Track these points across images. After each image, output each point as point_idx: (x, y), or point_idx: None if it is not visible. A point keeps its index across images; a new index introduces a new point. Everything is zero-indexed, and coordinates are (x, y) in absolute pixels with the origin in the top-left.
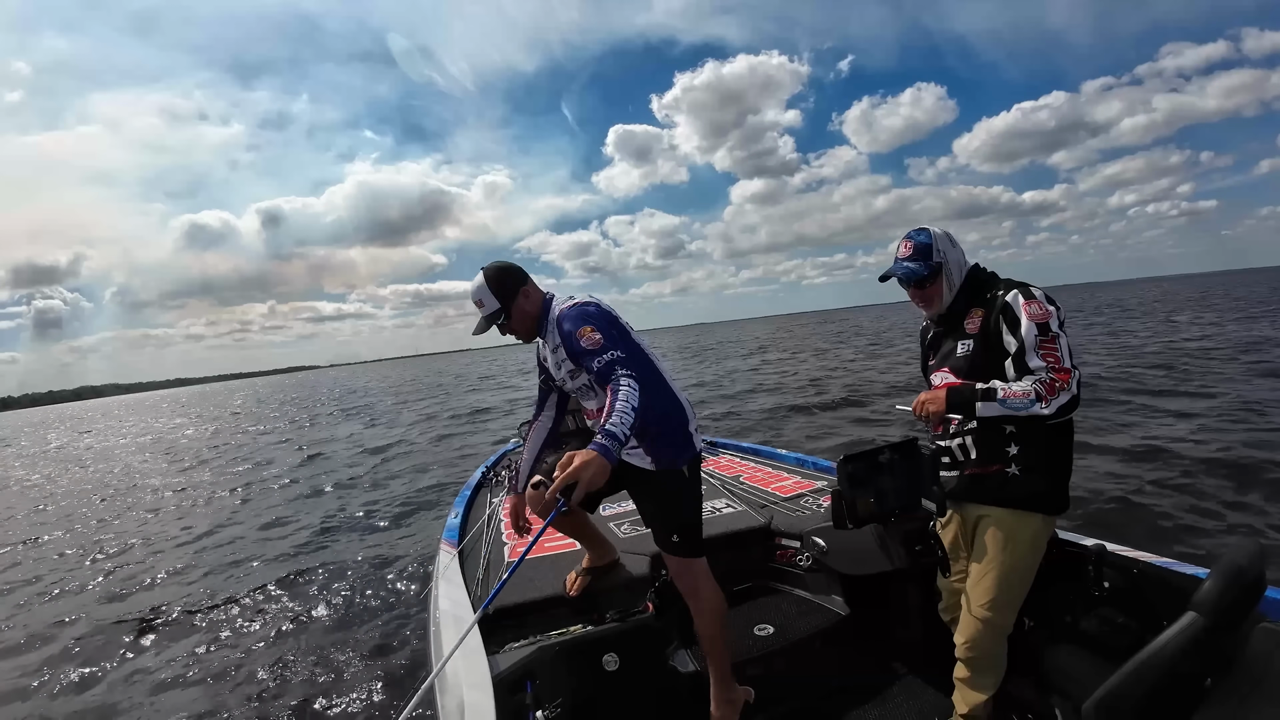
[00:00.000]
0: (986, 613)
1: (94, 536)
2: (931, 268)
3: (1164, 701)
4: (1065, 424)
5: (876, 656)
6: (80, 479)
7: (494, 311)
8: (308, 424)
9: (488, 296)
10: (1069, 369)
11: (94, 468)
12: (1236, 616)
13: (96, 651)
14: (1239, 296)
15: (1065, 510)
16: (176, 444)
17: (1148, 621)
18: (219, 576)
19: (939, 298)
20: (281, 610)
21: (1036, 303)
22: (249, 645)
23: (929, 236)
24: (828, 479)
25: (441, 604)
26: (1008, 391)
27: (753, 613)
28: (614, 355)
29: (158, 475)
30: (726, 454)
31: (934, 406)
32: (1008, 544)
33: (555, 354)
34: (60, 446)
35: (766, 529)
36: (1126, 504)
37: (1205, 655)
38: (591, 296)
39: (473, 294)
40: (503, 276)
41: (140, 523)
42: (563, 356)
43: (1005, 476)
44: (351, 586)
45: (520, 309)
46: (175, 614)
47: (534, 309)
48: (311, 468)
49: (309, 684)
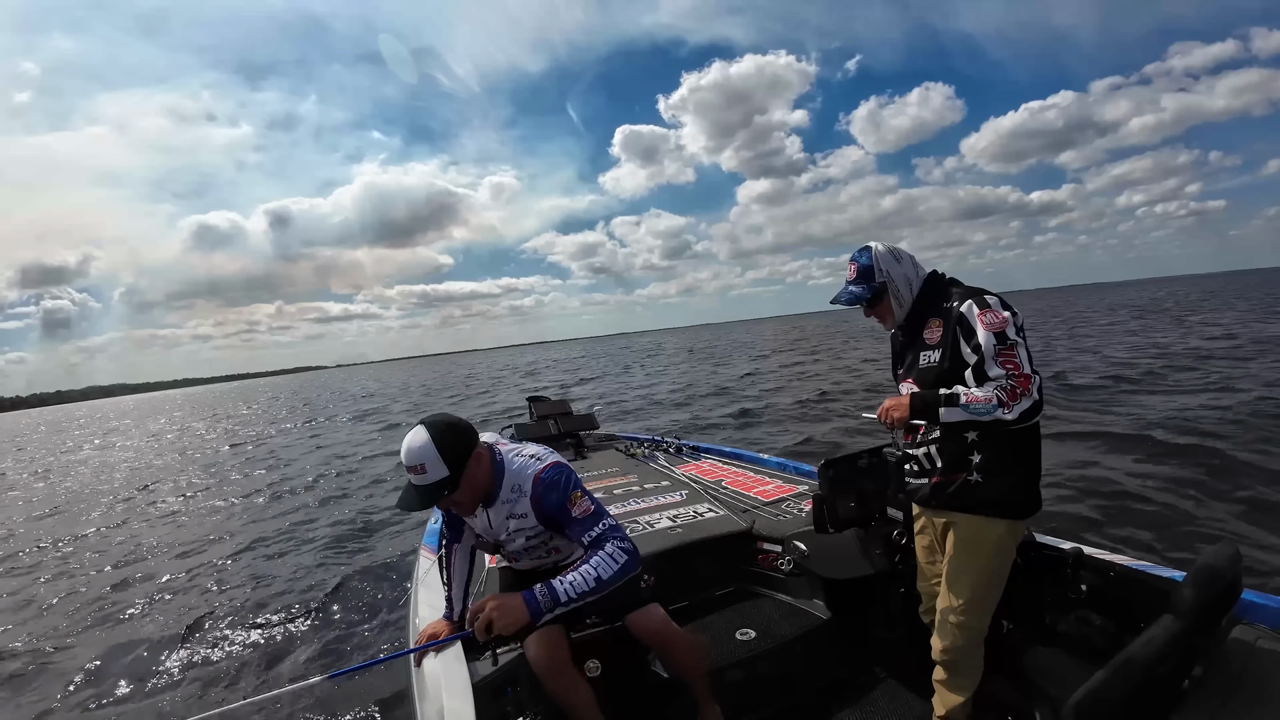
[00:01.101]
0: (959, 616)
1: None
2: (875, 289)
3: (1143, 703)
4: (1029, 430)
5: (858, 660)
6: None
7: (440, 481)
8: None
9: (434, 462)
10: (1029, 374)
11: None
12: (1213, 618)
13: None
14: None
15: (1034, 513)
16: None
17: (1125, 623)
18: (199, 579)
19: (890, 315)
20: (257, 612)
21: (992, 311)
22: (226, 644)
23: (870, 257)
24: (809, 483)
25: (421, 610)
26: (970, 396)
27: (734, 617)
28: (607, 525)
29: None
30: (709, 459)
31: (898, 413)
32: (974, 549)
33: (510, 520)
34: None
35: (748, 533)
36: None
37: (1183, 657)
38: (551, 451)
39: (409, 457)
40: (454, 438)
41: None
42: (525, 524)
43: (968, 484)
44: (330, 592)
45: (471, 477)
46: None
47: (485, 476)
48: (302, 473)
49: (277, 686)
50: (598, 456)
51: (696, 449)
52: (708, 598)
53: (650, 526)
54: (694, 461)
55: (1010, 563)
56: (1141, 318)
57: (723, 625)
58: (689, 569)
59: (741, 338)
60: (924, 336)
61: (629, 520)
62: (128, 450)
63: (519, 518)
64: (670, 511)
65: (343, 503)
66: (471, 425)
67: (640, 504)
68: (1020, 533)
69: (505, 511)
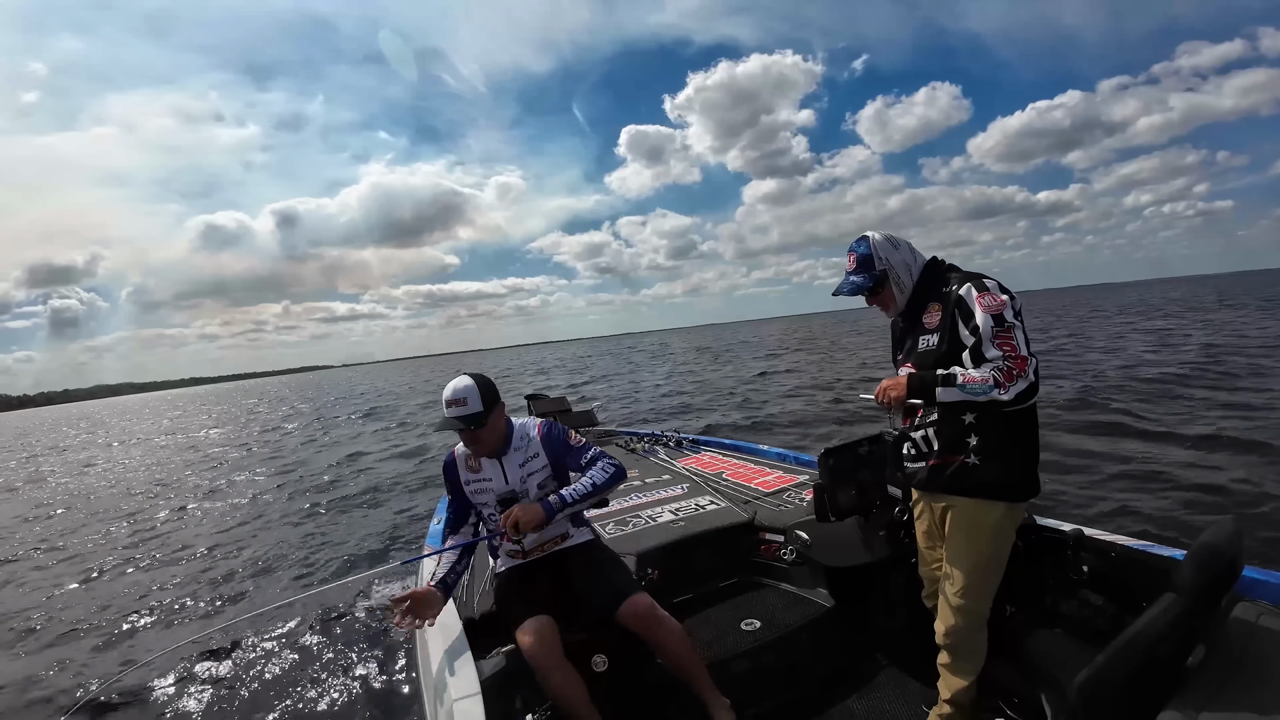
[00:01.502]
0: (960, 600)
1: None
2: (876, 277)
3: (1146, 682)
4: (1026, 412)
5: (862, 647)
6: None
7: (475, 414)
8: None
9: (474, 397)
10: (1026, 356)
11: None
12: (1214, 596)
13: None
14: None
15: (1032, 496)
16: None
17: (1127, 604)
18: (199, 585)
19: (893, 302)
20: (262, 612)
21: (990, 294)
22: (232, 651)
23: (868, 246)
24: (809, 473)
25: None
26: (967, 376)
27: (739, 608)
28: (597, 451)
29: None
30: (709, 451)
31: (895, 392)
32: (973, 532)
33: (526, 465)
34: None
35: (750, 524)
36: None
37: (1185, 636)
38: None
39: (454, 393)
40: (489, 386)
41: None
42: (536, 466)
43: (965, 466)
44: (337, 593)
45: (495, 422)
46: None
47: (503, 427)
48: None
49: (292, 690)
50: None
51: (696, 442)
52: (711, 590)
53: (653, 520)
54: (694, 454)
55: (1009, 546)
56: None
57: (727, 616)
58: (692, 561)
59: (747, 336)
60: (923, 321)
61: (631, 514)
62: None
63: (531, 460)
64: (672, 505)
65: (365, 500)
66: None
67: (642, 498)
68: (1019, 516)
69: (519, 459)
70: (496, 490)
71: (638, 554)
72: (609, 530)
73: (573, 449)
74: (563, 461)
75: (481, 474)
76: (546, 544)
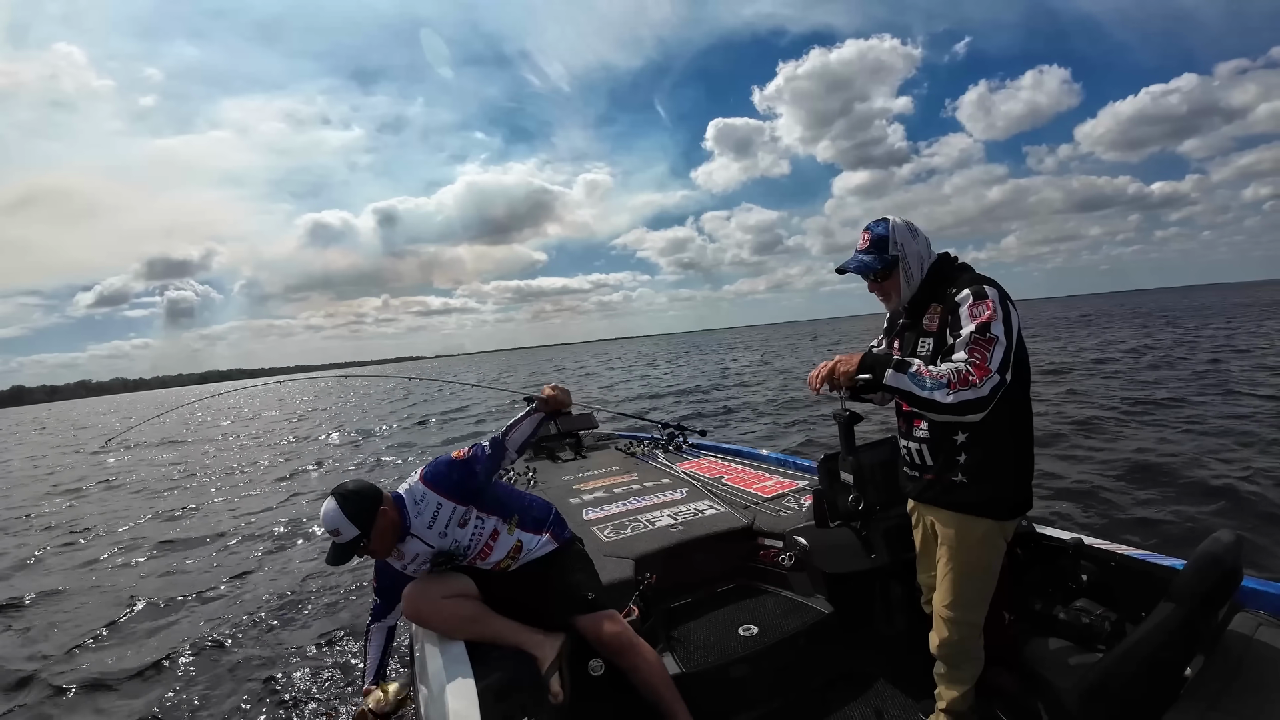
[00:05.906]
0: (949, 612)
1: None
2: (887, 261)
3: (1144, 690)
4: (1020, 432)
5: (861, 653)
6: None
7: (352, 541)
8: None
9: (344, 525)
10: (989, 369)
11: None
12: (1213, 606)
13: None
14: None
15: (1021, 514)
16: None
17: (1126, 612)
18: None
19: (896, 293)
20: (254, 612)
21: (985, 303)
22: (227, 647)
23: (887, 228)
24: (809, 479)
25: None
26: (922, 369)
27: (737, 613)
28: (478, 445)
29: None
30: (708, 456)
31: (845, 367)
32: (959, 546)
33: (436, 523)
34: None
35: (749, 529)
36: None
37: (1184, 645)
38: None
39: (326, 524)
40: (357, 502)
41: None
42: (447, 514)
43: (953, 483)
44: (333, 596)
45: (380, 529)
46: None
47: (392, 520)
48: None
49: (288, 693)
50: (597, 455)
51: (696, 447)
52: (710, 595)
53: (651, 524)
54: (693, 459)
55: (1000, 559)
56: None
57: (725, 622)
58: (690, 566)
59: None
60: (923, 323)
61: (630, 518)
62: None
63: (439, 512)
64: (671, 509)
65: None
66: (374, 486)
67: (641, 502)
68: (1009, 530)
69: (425, 522)
70: (429, 556)
71: (635, 558)
72: (606, 534)
73: (460, 466)
74: (465, 486)
75: (406, 555)
76: (501, 563)
